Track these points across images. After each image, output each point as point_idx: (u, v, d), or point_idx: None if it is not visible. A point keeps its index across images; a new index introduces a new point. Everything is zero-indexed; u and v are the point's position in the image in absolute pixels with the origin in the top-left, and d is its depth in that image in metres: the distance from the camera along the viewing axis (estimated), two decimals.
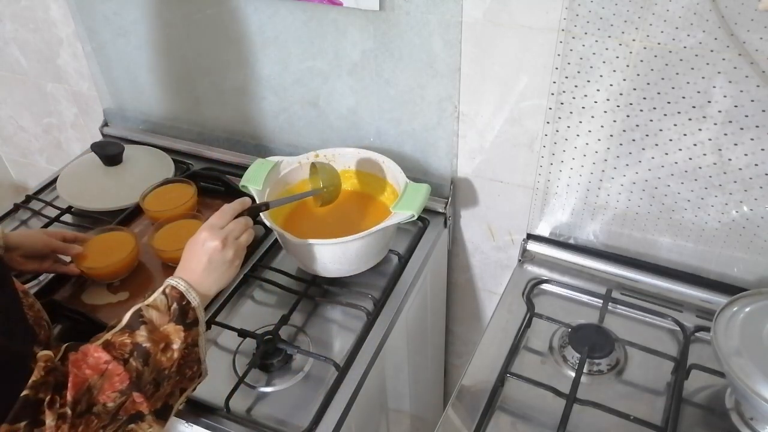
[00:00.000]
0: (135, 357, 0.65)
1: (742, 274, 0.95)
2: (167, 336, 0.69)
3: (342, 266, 0.96)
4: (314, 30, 1.02)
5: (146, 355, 0.66)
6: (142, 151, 1.28)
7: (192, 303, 0.72)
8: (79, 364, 0.63)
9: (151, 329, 0.68)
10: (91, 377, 0.62)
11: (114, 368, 0.63)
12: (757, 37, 0.74)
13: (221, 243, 0.76)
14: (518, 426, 0.82)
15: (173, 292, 0.72)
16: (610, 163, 0.93)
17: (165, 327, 0.69)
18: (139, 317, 0.68)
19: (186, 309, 0.71)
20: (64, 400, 0.59)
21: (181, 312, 0.71)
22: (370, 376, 0.88)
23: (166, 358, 0.68)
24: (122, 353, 0.65)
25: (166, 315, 0.70)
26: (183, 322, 0.70)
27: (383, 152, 1.04)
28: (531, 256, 1.07)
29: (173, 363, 0.68)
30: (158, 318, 0.69)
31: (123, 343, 0.66)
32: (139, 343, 0.66)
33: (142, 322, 0.68)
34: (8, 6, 1.34)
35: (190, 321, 0.71)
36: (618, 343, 0.90)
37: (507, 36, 0.89)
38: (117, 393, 0.63)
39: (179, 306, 0.71)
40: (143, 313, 0.69)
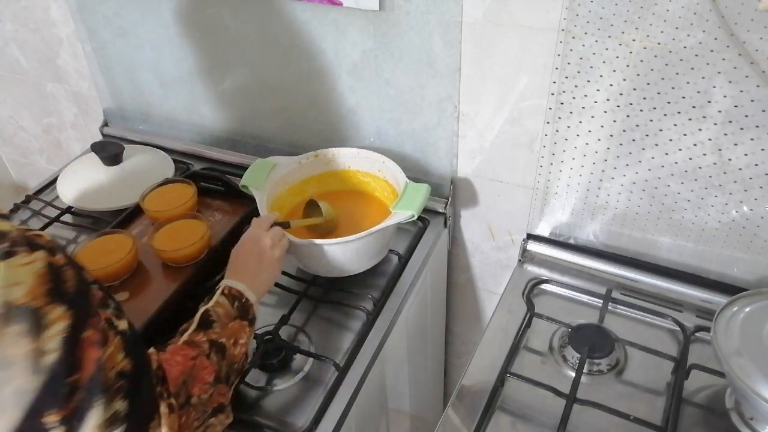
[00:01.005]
0: (214, 352, 0.69)
1: (742, 274, 0.95)
2: (236, 332, 0.73)
3: (342, 266, 0.96)
4: (314, 30, 1.02)
5: (223, 349, 0.70)
6: (142, 151, 1.28)
7: (251, 300, 0.77)
8: (170, 361, 0.65)
9: (222, 326, 0.72)
10: (184, 371, 0.65)
11: (201, 362, 0.67)
12: (757, 37, 0.74)
13: (270, 242, 0.83)
14: (518, 426, 0.82)
15: (233, 292, 0.76)
16: (610, 163, 0.93)
17: (232, 324, 0.73)
18: (208, 317, 0.72)
19: (246, 306, 0.76)
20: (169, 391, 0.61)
21: (242, 309, 0.76)
22: (370, 376, 0.88)
23: (237, 352, 0.72)
24: (203, 349, 0.68)
25: (232, 312, 0.74)
26: (246, 318, 0.75)
27: (383, 152, 1.04)
28: (531, 256, 1.07)
29: (241, 357, 0.73)
30: (225, 316, 0.73)
31: (201, 341, 0.69)
32: (215, 339, 0.70)
33: (212, 321, 0.72)
34: (8, 6, 1.34)
35: (251, 317, 0.76)
36: (618, 343, 0.90)
37: (507, 36, 0.89)
38: (207, 385, 0.66)
39: (240, 303, 0.76)
40: (211, 313, 0.73)
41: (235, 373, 0.73)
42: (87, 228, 1.14)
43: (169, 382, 0.61)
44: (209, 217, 1.09)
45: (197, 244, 0.98)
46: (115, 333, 0.54)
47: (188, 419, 0.63)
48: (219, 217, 1.10)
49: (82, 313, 0.50)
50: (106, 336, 0.53)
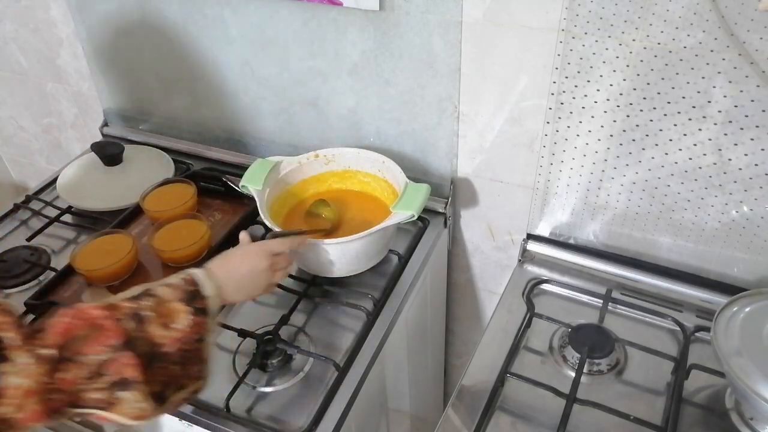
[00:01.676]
0: (131, 320, 0.65)
1: (742, 274, 0.95)
2: (171, 312, 0.68)
3: (342, 266, 0.96)
4: (314, 30, 1.02)
5: (143, 322, 0.65)
6: (142, 151, 1.28)
7: (203, 292, 0.71)
8: (68, 314, 0.62)
9: (157, 302, 0.67)
10: (81, 328, 0.62)
11: (108, 324, 0.63)
12: (757, 37, 0.74)
13: (269, 268, 0.80)
14: (518, 426, 0.82)
15: (188, 277, 0.72)
16: (610, 163, 0.93)
17: (171, 303, 0.68)
18: (146, 290, 0.69)
19: (195, 293, 0.71)
20: (41, 341, 0.59)
21: (190, 295, 0.70)
22: (370, 376, 0.88)
23: (165, 334, 0.66)
24: (119, 314, 0.64)
25: (176, 293, 0.69)
26: (191, 304, 0.69)
27: (383, 152, 1.04)
28: (531, 256, 1.07)
29: (173, 344, 0.67)
30: (166, 293, 0.69)
31: (123, 306, 0.65)
32: (140, 309, 0.66)
33: (149, 294, 0.68)
34: (8, 6, 1.34)
35: (199, 307, 0.70)
36: (618, 343, 0.90)
37: (507, 36, 0.89)
38: (107, 347, 0.62)
39: (192, 290, 0.71)
40: (151, 288, 0.69)
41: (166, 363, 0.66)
42: (87, 228, 1.14)
43: (47, 334, 0.60)
44: (209, 217, 1.09)
45: (197, 244, 0.98)
46: None
47: (74, 375, 0.60)
48: (219, 217, 1.10)
49: None
50: None
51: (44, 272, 1.04)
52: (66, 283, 0.98)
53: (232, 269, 0.77)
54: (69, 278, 0.98)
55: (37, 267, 1.05)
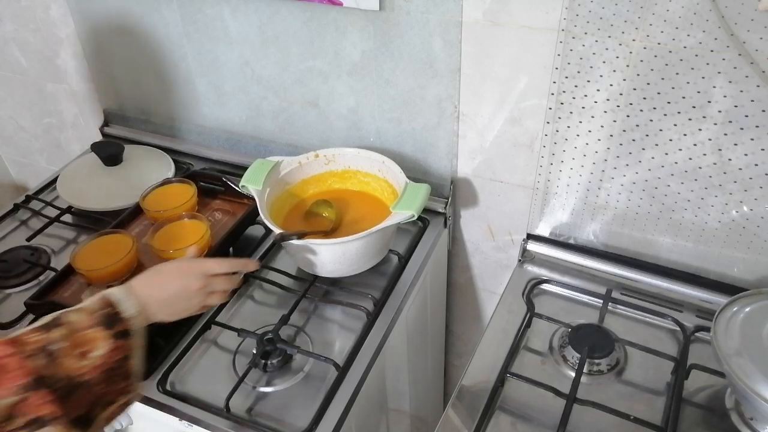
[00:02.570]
0: (41, 356, 0.60)
1: (742, 274, 0.95)
2: (88, 341, 0.64)
3: (342, 266, 0.96)
4: (314, 30, 1.02)
5: (54, 356, 0.61)
6: (142, 151, 1.28)
7: (123, 313, 0.67)
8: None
9: (69, 330, 0.63)
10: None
11: (12, 362, 0.59)
12: (757, 37, 0.74)
13: (202, 288, 0.76)
14: (518, 426, 0.82)
15: (105, 299, 0.68)
16: (610, 163, 0.93)
17: (87, 332, 0.64)
18: (56, 318, 0.64)
19: (114, 317, 0.66)
20: None
21: (108, 319, 0.66)
22: (370, 376, 0.88)
23: (81, 364, 0.62)
24: (26, 350, 0.60)
25: (91, 319, 0.65)
26: (110, 328, 0.66)
27: (383, 152, 1.04)
28: (531, 256, 1.07)
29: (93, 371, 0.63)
30: (79, 321, 0.64)
31: (31, 341, 0.61)
32: (49, 343, 0.61)
33: (58, 324, 0.63)
34: (8, 6, 1.34)
35: (121, 330, 0.66)
36: (618, 343, 0.90)
37: (507, 36, 0.89)
38: (15, 387, 0.58)
39: (106, 313, 0.66)
40: (61, 317, 0.64)
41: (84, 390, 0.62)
42: (87, 228, 1.14)
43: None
44: (209, 217, 1.09)
45: (197, 244, 0.98)
46: None
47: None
48: (219, 217, 1.10)
49: None
50: None
51: (44, 272, 1.04)
52: (66, 283, 0.97)
53: (160, 287, 0.73)
54: (69, 278, 0.98)
55: (37, 267, 1.05)
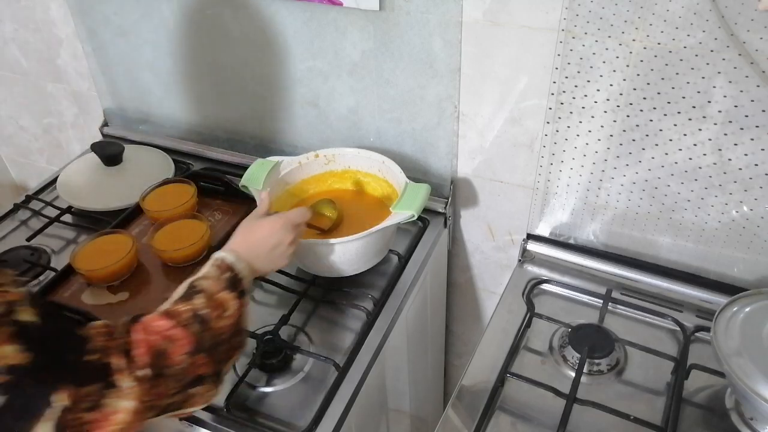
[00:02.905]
0: (195, 323, 0.68)
1: (742, 274, 0.95)
2: (223, 303, 0.72)
3: (342, 266, 0.96)
4: (314, 30, 1.02)
5: (205, 321, 0.69)
6: (142, 151, 1.28)
7: (240, 274, 0.75)
8: (148, 331, 0.65)
9: (207, 297, 0.71)
10: (159, 342, 0.64)
11: (177, 333, 0.66)
12: (757, 37, 0.74)
13: (292, 240, 0.82)
14: (518, 426, 0.82)
15: (223, 265, 0.75)
16: (610, 163, 0.93)
17: (219, 294, 0.72)
18: (193, 288, 0.71)
19: (236, 279, 0.74)
20: (137, 364, 0.61)
21: (232, 281, 0.74)
22: (370, 376, 0.88)
23: (223, 323, 0.71)
24: (182, 320, 0.67)
25: (219, 283, 0.73)
26: (235, 290, 0.74)
27: (383, 152, 1.04)
28: (531, 256, 1.07)
29: (229, 329, 0.71)
30: (211, 286, 0.72)
31: (181, 311, 0.68)
32: (197, 310, 0.69)
33: (196, 291, 0.71)
34: (8, 6, 1.34)
35: (241, 290, 0.74)
36: (618, 343, 0.90)
37: (507, 36, 0.89)
38: (184, 356, 0.66)
39: (231, 275, 0.74)
40: (196, 284, 0.72)
41: (224, 345, 0.71)
42: (87, 228, 1.14)
43: (138, 354, 0.62)
44: (209, 217, 1.09)
45: (197, 244, 0.98)
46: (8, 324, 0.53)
47: (164, 388, 0.64)
48: (219, 217, 1.10)
49: None
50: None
51: (44, 272, 1.04)
52: (66, 283, 0.98)
53: (259, 245, 0.80)
54: (69, 278, 0.98)
55: (37, 267, 1.05)
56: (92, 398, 0.57)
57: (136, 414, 0.60)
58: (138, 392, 0.60)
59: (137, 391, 0.60)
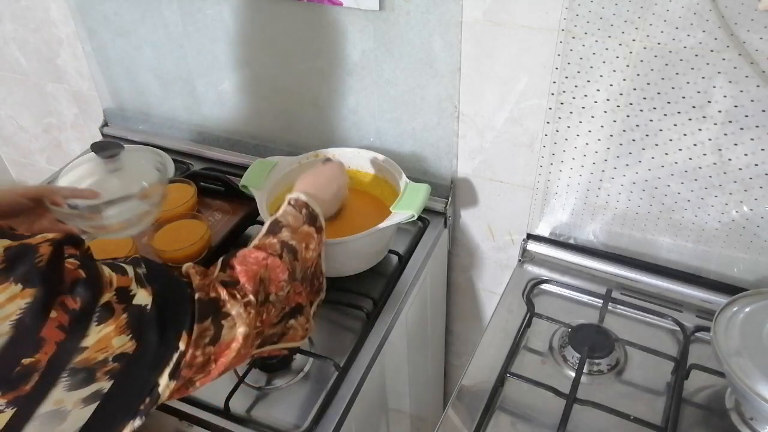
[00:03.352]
0: (286, 252, 0.71)
1: (742, 274, 0.95)
2: (306, 236, 0.75)
3: (342, 266, 0.96)
4: (314, 30, 1.02)
5: (294, 251, 0.72)
6: (143, 151, 1.27)
7: (315, 210, 0.79)
8: (246, 263, 0.67)
9: (292, 230, 0.74)
10: (259, 271, 0.67)
11: (273, 262, 0.69)
12: (757, 37, 0.74)
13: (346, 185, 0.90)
14: (518, 426, 0.82)
15: (298, 203, 0.78)
16: (610, 163, 0.93)
17: (302, 228, 0.75)
18: (278, 223, 0.75)
19: (314, 215, 0.78)
20: (244, 291, 0.64)
21: (310, 216, 0.78)
22: (370, 376, 0.88)
23: (308, 255, 0.74)
24: (275, 250, 0.70)
25: (300, 218, 0.76)
26: (314, 224, 0.77)
27: (383, 152, 1.04)
28: (531, 256, 1.07)
29: (314, 261, 0.75)
30: (294, 221, 0.75)
31: (271, 243, 0.71)
32: (286, 240, 0.72)
33: (282, 226, 0.74)
34: (8, 6, 1.34)
35: (318, 225, 0.78)
36: (618, 343, 0.90)
37: (507, 36, 0.89)
38: (283, 282, 0.69)
39: (308, 212, 0.78)
40: (280, 220, 0.75)
41: (309, 279, 0.75)
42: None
43: (244, 283, 0.65)
44: (209, 217, 1.09)
45: (197, 244, 0.98)
46: (124, 308, 0.53)
47: (269, 316, 0.67)
48: (219, 217, 1.10)
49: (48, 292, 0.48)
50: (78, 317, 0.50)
51: None
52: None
53: (324, 189, 0.84)
54: None
55: None
56: (210, 332, 0.60)
57: (247, 339, 0.62)
58: (248, 318, 0.62)
59: (247, 316, 0.62)
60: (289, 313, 0.71)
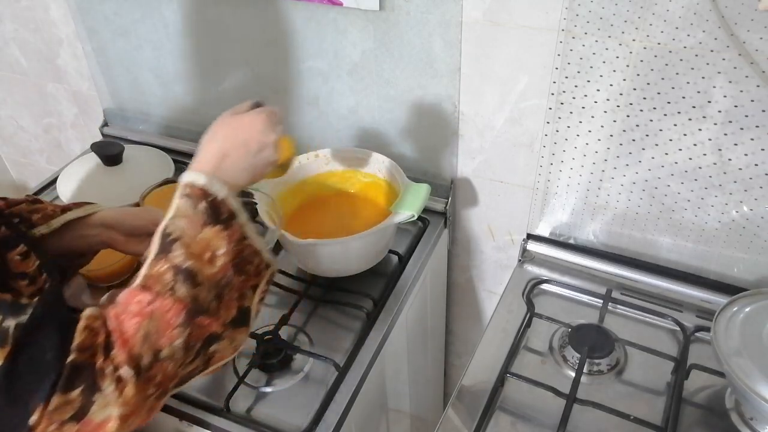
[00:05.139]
0: (182, 281, 0.56)
1: (742, 274, 0.95)
2: (208, 244, 0.59)
3: (342, 266, 0.96)
4: (314, 30, 1.02)
5: (192, 275, 0.57)
6: (142, 151, 1.28)
7: (220, 195, 0.61)
8: (121, 318, 0.54)
9: (186, 243, 0.58)
10: (142, 325, 0.54)
11: (161, 305, 0.55)
12: (757, 37, 0.74)
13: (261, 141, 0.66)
14: (518, 426, 0.82)
15: (194, 192, 0.60)
16: (610, 163, 0.93)
17: (201, 235, 0.59)
18: (168, 237, 0.58)
19: (216, 205, 0.60)
20: (117, 363, 0.52)
21: (212, 210, 0.60)
22: (370, 376, 0.88)
23: (216, 269, 0.59)
24: (165, 284, 0.56)
25: (196, 220, 0.59)
26: (218, 220, 0.60)
27: (383, 152, 1.04)
28: (531, 256, 1.07)
29: (227, 268, 0.59)
30: (189, 227, 0.59)
31: (160, 275, 0.56)
32: (179, 265, 0.57)
33: (173, 240, 0.58)
34: (8, 6, 1.34)
35: (225, 216, 0.61)
36: (618, 343, 0.90)
37: (507, 36, 0.89)
38: (177, 329, 0.55)
39: (207, 204, 0.60)
40: (171, 231, 0.59)
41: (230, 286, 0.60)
42: None
43: (118, 350, 0.53)
44: None
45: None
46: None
47: (165, 373, 0.55)
48: None
49: None
50: None
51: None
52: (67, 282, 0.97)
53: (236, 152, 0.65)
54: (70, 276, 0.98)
55: None
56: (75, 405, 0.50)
57: (128, 417, 0.52)
58: (122, 398, 0.52)
59: (119, 396, 0.51)
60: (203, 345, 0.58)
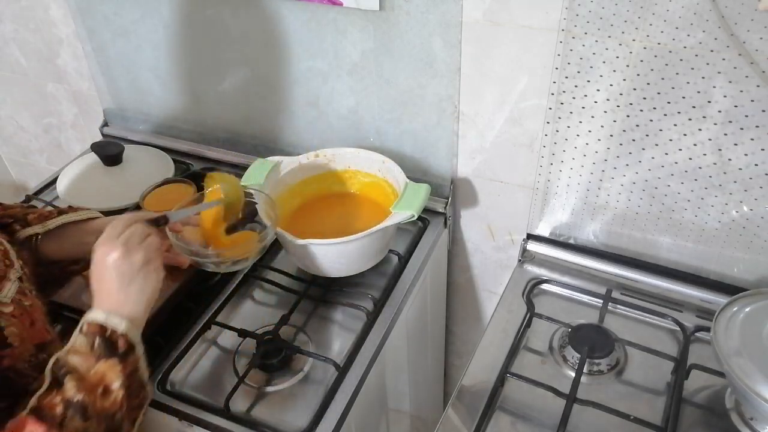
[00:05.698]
0: (70, 416, 0.58)
1: (742, 274, 0.95)
2: (102, 378, 0.61)
3: (342, 266, 0.96)
4: (314, 30, 1.02)
5: (83, 409, 0.59)
6: (142, 151, 1.28)
7: (118, 330, 0.64)
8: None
9: (79, 378, 0.60)
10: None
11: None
12: (757, 37, 0.74)
13: (123, 250, 0.66)
14: (518, 426, 0.82)
15: (91, 328, 0.63)
16: (610, 163, 0.93)
17: (95, 369, 0.61)
18: (61, 369, 0.61)
19: (113, 340, 0.63)
20: None
21: (107, 345, 0.63)
22: (370, 376, 0.88)
23: (109, 402, 0.61)
24: (55, 416, 0.58)
25: (91, 356, 0.62)
26: (115, 354, 0.63)
27: (383, 152, 1.04)
28: (531, 256, 1.07)
29: (120, 403, 0.62)
30: (82, 362, 0.61)
31: (52, 405, 0.58)
32: (70, 399, 0.59)
33: (65, 373, 0.60)
34: (8, 6, 1.34)
35: (123, 350, 0.63)
36: (618, 343, 0.90)
37: (507, 36, 0.89)
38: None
39: (103, 340, 0.63)
40: (63, 363, 0.61)
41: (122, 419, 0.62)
42: None
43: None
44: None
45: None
46: None
47: None
48: None
49: None
50: None
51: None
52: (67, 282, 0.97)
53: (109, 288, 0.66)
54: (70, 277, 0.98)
55: None
56: None
57: None
58: None
59: None
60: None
